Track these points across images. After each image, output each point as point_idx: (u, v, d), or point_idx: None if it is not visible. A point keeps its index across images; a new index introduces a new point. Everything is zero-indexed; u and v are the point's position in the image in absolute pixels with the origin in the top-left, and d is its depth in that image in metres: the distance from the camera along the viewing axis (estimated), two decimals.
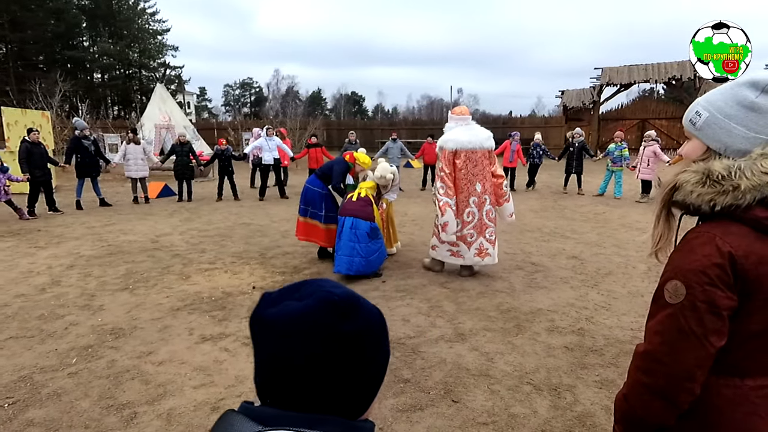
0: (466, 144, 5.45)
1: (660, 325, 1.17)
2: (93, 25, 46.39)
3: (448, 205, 5.40)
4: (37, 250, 6.78)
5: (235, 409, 0.72)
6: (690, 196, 1.16)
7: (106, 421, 2.85)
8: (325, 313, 0.70)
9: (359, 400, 0.74)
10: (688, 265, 1.13)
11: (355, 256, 5.42)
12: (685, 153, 1.27)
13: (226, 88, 74.78)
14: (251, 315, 0.75)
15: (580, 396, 3.22)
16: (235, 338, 4.03)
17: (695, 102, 1.26)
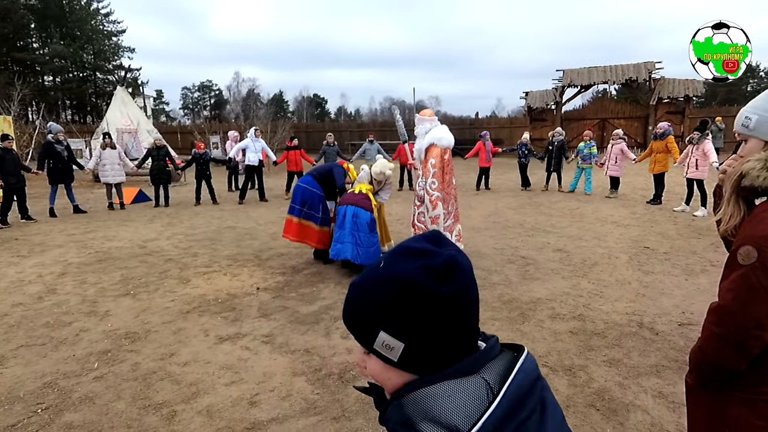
0: (451, 142, 5.86)
1: (732, 284, 1.38)
2: (43, 26, 44.45)
3: (439, 199, 5.69)
4: (21, 259, 6.56)
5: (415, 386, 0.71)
6: (757, 180, 1.39)
7: (146, 420, 2.87)
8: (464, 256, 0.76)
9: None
10: (759, 232, 1.34)
11: (358, 246, 5.55)
12: (747, 152, 1.50)
13: (184, 91, 72.97)
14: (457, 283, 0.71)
15: (594, 374, 3.44)
16: (253, 337, 4.07)
17: (742, 110, 1.52)
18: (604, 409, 3.03)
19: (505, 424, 0.64)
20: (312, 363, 3.61)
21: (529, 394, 0.69)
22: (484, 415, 0.64)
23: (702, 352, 1.47)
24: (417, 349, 0.71)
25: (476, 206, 10.70)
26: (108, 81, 47.59)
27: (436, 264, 0.71)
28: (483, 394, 0.66)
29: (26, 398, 3.12)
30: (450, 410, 0.65)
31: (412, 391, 0.70)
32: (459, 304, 0.71)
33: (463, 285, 0.71)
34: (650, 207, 10.24)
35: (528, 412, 0.67)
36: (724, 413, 1.48)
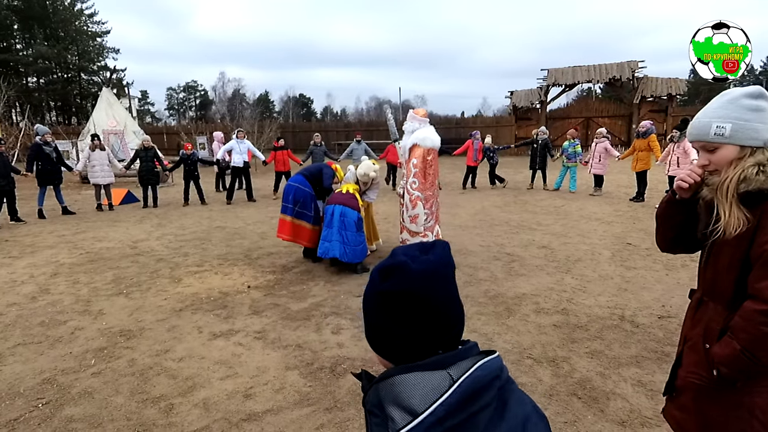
0: (437, 143, 5.94)
1: None
2: (26, 26, 43.86)
3: (419, 199, 5.82)
4: (13, 260, 6.58)
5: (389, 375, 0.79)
6: (766, 183, 1.48)
7: (145, 413, 2.96)
8: (449, 255, 0.85)
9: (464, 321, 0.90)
10: None
11: (345, 244, 5.67)
12: (721, 159, 1.57)
13: (169, 92, 72.37)
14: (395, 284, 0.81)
15: (576, 365, 3.59)
16: (245, 334, 4.17)
17: (705, 121, 1.58)
18: (586, 398, 3.17)
19: (457, 412, 0.72)
20: (304, 357, 3.72)
21: (485, 390, 0.75)
22: (437, 402, 0.72)
23: (746, 354, 1.46)
24: (378, 337, 0.84)
25: (463, 204, 10.87)
26: (93, 82, 47.10)
27: (384, 264, 0.84)
28: (445, 385, 0.74)
29: (26, 394, 3.20)
30: (412, 396, 0.74)
31: (387, 378, 0.79)
32: (403, 300, 0.80)
33: (405, 285, 0.80)
34: (633, 204, 10.48)
35: (480, 406, 0.74)
36: (751, 406, 1.53)
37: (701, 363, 1.66)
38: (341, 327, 4.28)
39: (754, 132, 1.50)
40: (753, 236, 1.50)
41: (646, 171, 10.73)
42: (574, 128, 14.07)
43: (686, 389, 1.75)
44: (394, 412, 0.74)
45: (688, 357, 1.77)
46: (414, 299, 0.80)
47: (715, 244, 1.64)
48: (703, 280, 1.75)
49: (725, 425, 1.60)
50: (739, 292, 1.57)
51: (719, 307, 1.64)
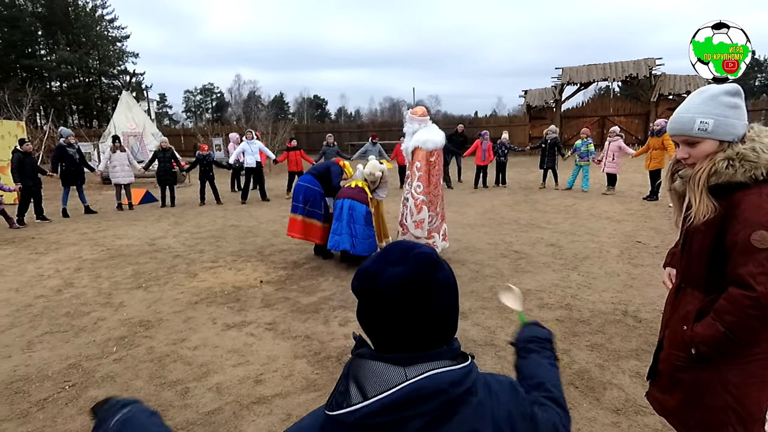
0: (439, 143, 5.91)
1: (762, 267, 1.50)
2: (50, 33, 45.01)
3: (424, 203, 5.85)
4: (39, 256, 6.90)
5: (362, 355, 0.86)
6: (736, 176, 1.58)
7: (163, 395, 3.17)
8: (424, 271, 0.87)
9: (454, 327, 0.93)
10: (764, 218, 1.50)
11: (354, 237, 5.84)
12: (700, 153, 1.68)
13: (186, 94, 73.53)
14: (358, 288, 0.89)
15: (576, 357, 3.70)
16: (257, 325, 4.35)
17: (689, 117, 1.68)
18: (582, 387, 3.29)
19: (389, 412, 0.78)
20: (312, 347, 3.89)
21: (425, 400, 0.79)
22: (381, 395, 0.78)
23: (729, 335, 1.55)
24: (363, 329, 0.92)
25: (473, 204, 10.96)
26: (113, 86, 48.09)
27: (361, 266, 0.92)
28: (396, 382, 0.80)
29: (54, 377, 3.44)
30: (368, 381, 0.81)
31: (359, 357, 0.87)
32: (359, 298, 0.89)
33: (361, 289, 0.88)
34: (646, 203, 10.46)
35: (415, 413, 0.78)
36: (725, 382, 1.64)
37: (679, 344, 1.77)
38: (348, 319, 4.44)
39: (731, 128, 1.62)
40: (721, 224, 1.61)
41: (659, 170, 10.67)
42: (587, 127, 14.01)
43: (665, 371, 1.87)
44: (353, 388, 0.82)
45: (668, 340, 1.89)
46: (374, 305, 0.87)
47: (687, 233, 1.75)
48: (680, 267, 1.87)
49: (702, 401, 1.71)
50: (711, 276, 1.68)
51: (696, 292, 1.75)
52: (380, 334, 0.88)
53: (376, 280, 0.86)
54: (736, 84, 1.69)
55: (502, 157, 13.73)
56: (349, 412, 0.79)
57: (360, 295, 0.89)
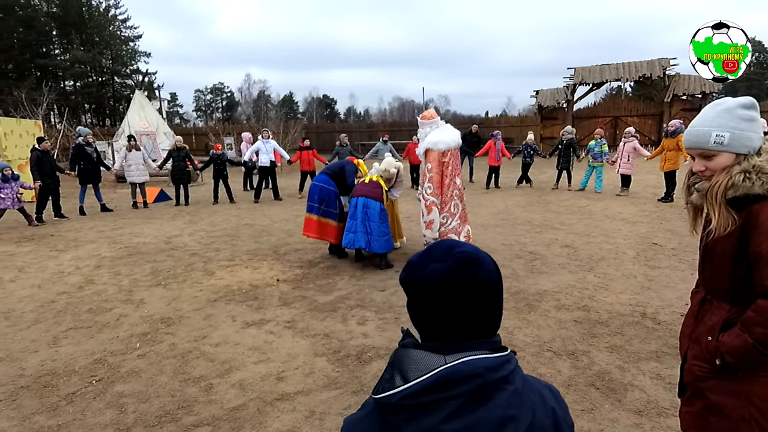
0: (452, 143, 5.95)
1: None
2: (64, 32, 45.51)
3: (434, 204, 5.90)
4: (59, 253, 7.01)
5: (405, 345, 0.93)
6: (754, 188, 1.59)
7: (187, 391, 3.21)
8: (464, 269, 0.91)
9: (496, 323, 0.96)
10: None
11: (369, 234, 5.87)
12: (717, 165, 1.69)
13: (197, 94, 74.04)
14: (404, 279, 0.96)
15: (595, 358, 3.70)
16: (276, 323, 4.40)
17: (704, 130, 1.69)
18: (604, 388, 3.29)
19: (428, 392, 0.83)
20: (331, 345, 3.93)
21: (461, 382, 0.84)
22: (420, 378, 0.84)
23: (759, 348, 1.56)
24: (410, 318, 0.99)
25: (486, 204, 10.95)
26: (125, 85, 48.51)
27: (410, 258, 0.98)
28: (435, 367, 0.85)
29: (81, 372, 3.50)
30: (410, 368, 0.87)
31: (404, 347, 0.93)
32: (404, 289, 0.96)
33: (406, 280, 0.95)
34: (661, 204, 10.39)
35: (451, 394, 0.83)
36: (749, 393, 1.63)
37: (703, 355, 1.77)
38: (366, 318, 4.47)
39: (748, 141, 1.63)
40: (741, 235, 1.62)
41: (674, 171, 10.60)
42: (601, 127, 13.93)
43: (689, 382, 1.86)
44: (397, 375, 0.88)
45: (691, 352, 1.87)
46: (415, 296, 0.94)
47: (707, 245, 1.76)
48: (703, 280, 1.86)
49: (725, 412, 1.70)
50: (735, 286, 1.68)
51: (722, 303, 1.74)
52: (424, 324, 0.94)
53: (419, 273, 0.92)
54: (751, 97, 1.69)
55: (528, 158, 13.66)
56: (392, 394, 0.85)
57: (405, 286, 0.96)
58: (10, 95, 29.00)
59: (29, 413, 3.03)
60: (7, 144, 11.57)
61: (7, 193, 8.78)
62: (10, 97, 27.65)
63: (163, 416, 2.95)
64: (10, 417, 3.00)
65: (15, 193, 8.86)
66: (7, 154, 11.54)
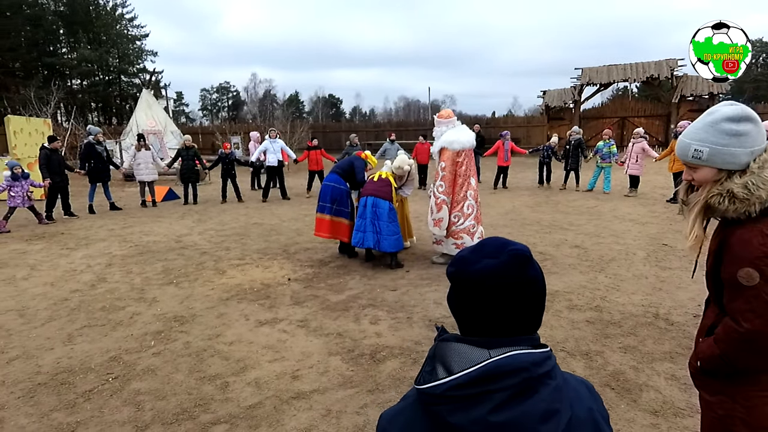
0: (466, 144, 5.99)
1: (750, 305, 1.52)
2: (71, 31, 45.74)
3: (444, 203, 5.92)
4: (70, 252, 7.05)
5: (447, 339, 0.93)
6: (728, 212, 1.58)
7: (203, 389, 3.23)
8: (516, 265, 0.92)
9: (537, 321, 0.97)
10: (752, 254, 1.50)
11: (377, 234, 5.88)
12: (701, 178, 1.67)
13: (203, 93, 74.26)
14: (454, 273, 0.95)
15: (609, 359, 3.69)
16: (289, 322, 4.41)
17: (686, 142, 1.67)
18: (619, 389, 3.28)
19: (475, 384, 0.84)
20: (345, 344, 3.93)
21: (508, 375, 0.85)
22: (467, 370, 0.85)
23: (725, 359, 1.60)
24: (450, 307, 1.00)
25: (494, 204, 10.93)
26: (132, 84, 48.72)
27: (459, 253, 0.99)
28: (481, 361, 0.86)
29: (97, 369, 3.53)
30: (454, 360, 0.88)
31: (446, 340, 0.94)
32: (452, 284, 0.96)
33: (456, 275, 0.94)
34: (670, 205, 10.34)
35: (499, 387, 0.84)
36: (733, 392, 1.66)
37: (695, 354, 1.81)
38: (379, 318, 4.48)
39: (730, 156, 1.57)
40: (719, 250, 1.64)
41: (682, 172, 10.55)
42: (609, 128, 13.88)
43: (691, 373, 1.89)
44: (440, 367, 0.89)
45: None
46: (462, 293, 0.94)
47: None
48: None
49: (713, 409, 1.74)
50: (719, 292, 1.70)
51: (714, 306, 1.78)
52: (469, 318, 0.94)
53: (471, 268, 0.92)
54: (746, 108, 1.61)
55: (546, 158, 13.63)
56: (438, 384, 0.86)
57: (454, 280, 0.96)
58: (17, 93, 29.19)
59: (47, 410, 3.06)
60: (17, 142, 11.65)
61: (17, 192, 8.84)
62: (18, 95, 27.83)
63: (181, 414, 2.97)
64: (28, 414, 3.02)
65: (25, 191, 8.92)
66: (17, 152, 11.61)
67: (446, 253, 6.23)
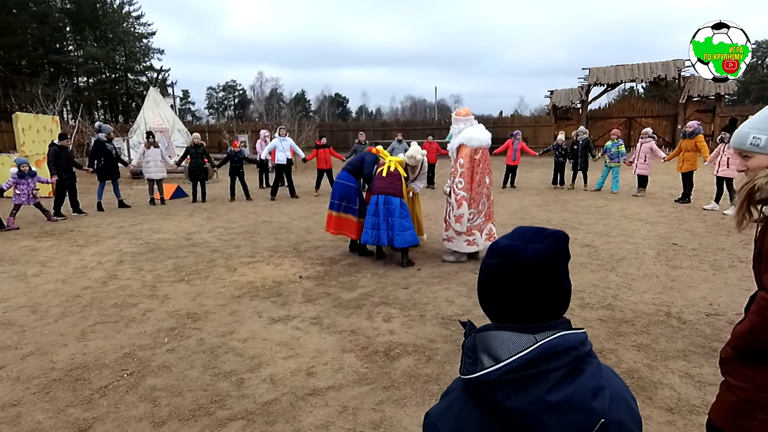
0: (484, 142, 6.05)
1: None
2: (78, 29, 45.96)
3: (464, 199, 5.96)
4: (80, 249, 7.08)
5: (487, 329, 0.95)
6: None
7: (219, 385, 3.24)
8: (561, 248, 0.96)
9: (568, 303, 1.00)
10: None
11: (390, 230, 5.90)
12: (755, 165, 1.76)
13: (209, 91, 74.40)
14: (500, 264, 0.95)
15: (623, 357, 3.68)
16: (302, 319, 4.41)
17: (744, 131, 1.76)
18: (634, 386, 3.27)
19: (531, 366, 0.86)
20: (359, 342, 3.93)
21: (560, 355, 0.88)
22: (517, 355, 0.87)
23: (754, 334, 1.66)
24: (483, 299, 1.02)
25: (502, 203, 10.91)
26: (138, 82, 48.88)
27: (500, 242, 0.99)
28: (530, 345, 0.88)
29: (112, 365, 3.54)
30: (500, 347, 0.90)
31: (485, 330, 0.96)
32: (506, 277, 0.95)
33: (508, 265, 0.94)
34: (678, 205, 10.30)
35: (554, 366, 0.87)
36: (762, 381, 1.69)
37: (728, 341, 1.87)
38: (391, 316, 4.47)
39: None
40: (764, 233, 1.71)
41: (692, 172, 10.53)
42: (617, 128, 13.84)
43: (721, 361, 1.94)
44: (484, 356, 0.91)
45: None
46: (513, 280, 0.94)
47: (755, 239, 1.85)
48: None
49: (735, 393, 1.79)
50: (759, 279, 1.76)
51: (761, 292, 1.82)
52: (511, 306, 0.96)
53: (522, 255, 0.94)
54: None
55: (560, 158, 13.57)
56: (492, 371, 0.88)
57: (502, 269, 0.96)
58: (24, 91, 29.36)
59: (63, 406, 3.07)
60: (25, 139, 11.71)
61: (23, 189, 8.87)
62: (24, 92, 28.00)
63: (197, 410, 2.97)
64: (45, 409, 3.04)
65: (31, 189, 8.95)
66: (25, 149, 11.67)
67: (456, 250, 6.23)
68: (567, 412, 0.86)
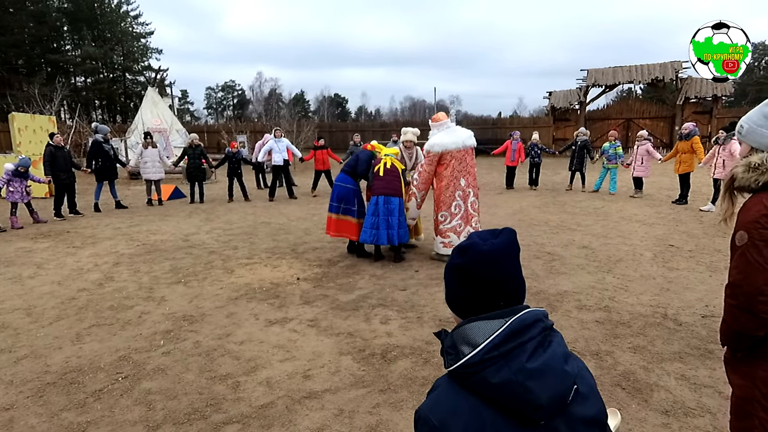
0: (450, 145, 6.16)
1: (735, 262, 1.71)
2: (76, 28, 45.81)
3: (414, 195, 6.36)
4: (77, 250, 7.05)
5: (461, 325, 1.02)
6: (742, 180, 1.75)
7: (215, 388, 3.22)
8: (513, 241, 1.08)
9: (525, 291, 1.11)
10: (747, 219, 1.69)
11: (390, 229, 6.02)
12: (740, 152, 1.88)
13: (208, 91, 74.25)
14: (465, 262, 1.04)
15: (619, 359, 3.67)
16: (299, 321, 4.40)
17: (742, 118, 1.88)
18: (630, 388, 3.27)
19: (508, 341, 0.95)
20: (356, 344, 3.93)
21: (530, 327, 0.97)
22: (494, 334, 0.95)
23: (725, 323, 1.78)
24: (452, 298, 1.10)
25: (501, 205, 10.92)
26: (137, 81, 48.76)
27: (462, 244, 1.09)
28: (502, 326, 0.96)
29: (107, 368, 3.52)
30: (477, 335, 0.97)
31: (459, 328, 1.02)
32: (471, 273, 1.04)
33: (473, 260, 1.03)
34: (675, 207, 10.32)
35: (528, 337, 0.96)
36: (754, 376, 1.74)
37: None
38: (389, 318, 4.47)
39: (760, 137, 1.76)
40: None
41: (689, 173, 10.56)
42: (614, 129, 13.87)
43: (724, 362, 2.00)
44: (464, 347, 0.97)
45: None
46: (479, 273, 1.04)
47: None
48: None
49: (735, 390, 1.86)
50: None
51: None
52: (479, 298, 1.04)
53: (481, 249, 1.04)
54: None
55: (536, 158, 13.63)
56: (475, 353, 0.95)
57: (467, 266, 1.05)
58: (21, 90, 29.29)
59: (57, 409, 3.05)
60: (22, 140, 11.67)
61: (16, 187, 8.86)
62: (21, 92, 27.93)
63: (192, 413, 2.96)
64: (38, 413, 3.02)
65: (24, 186, 8.94)
66: (22, 149, 11.63)
67: (437, 252, 6.45)
68: (546, 377, 0.94)
